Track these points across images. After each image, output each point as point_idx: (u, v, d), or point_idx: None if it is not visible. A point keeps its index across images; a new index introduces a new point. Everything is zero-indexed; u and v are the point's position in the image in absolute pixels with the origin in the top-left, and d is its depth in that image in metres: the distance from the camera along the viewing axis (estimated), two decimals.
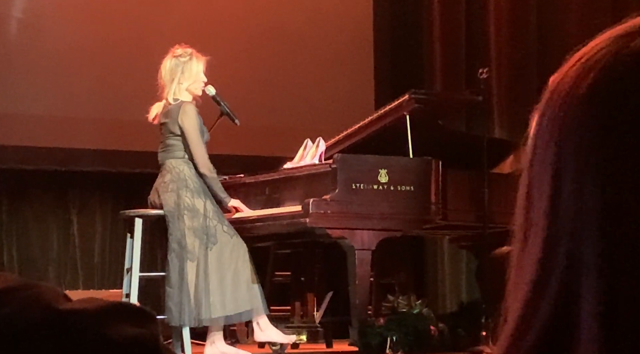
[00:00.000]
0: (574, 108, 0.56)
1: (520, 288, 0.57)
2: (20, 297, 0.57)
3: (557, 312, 0.55)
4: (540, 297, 0.56)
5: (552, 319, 0.55)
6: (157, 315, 4.06)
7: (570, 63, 0.58)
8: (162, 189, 4.86)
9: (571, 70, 0.58)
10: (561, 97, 0.58)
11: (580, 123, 0.56)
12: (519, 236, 0.59)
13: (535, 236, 0.57)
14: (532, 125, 0.59)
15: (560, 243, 0.56)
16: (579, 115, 0.56)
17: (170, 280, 4.74)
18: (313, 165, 5.04)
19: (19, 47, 6.58)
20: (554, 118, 0.57)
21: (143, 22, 6.80)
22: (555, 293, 0.55)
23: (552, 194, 0.56)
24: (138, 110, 5.34)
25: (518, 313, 0.56)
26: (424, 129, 5.05)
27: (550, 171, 0.57)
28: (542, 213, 0.57)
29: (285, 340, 4.93)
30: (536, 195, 0.57)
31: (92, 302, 0.59)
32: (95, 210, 6.88)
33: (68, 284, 6.63)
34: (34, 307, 0.57)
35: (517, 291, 0.57)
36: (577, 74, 0.57)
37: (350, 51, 7.29)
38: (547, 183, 0.57)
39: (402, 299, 4.95)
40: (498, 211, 5.15)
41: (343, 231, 4.79)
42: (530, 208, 0.58)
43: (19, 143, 6.52)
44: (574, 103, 0.57)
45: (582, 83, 0.56)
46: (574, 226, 0.55)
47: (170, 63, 4.84)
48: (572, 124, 0.56)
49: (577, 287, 0.54)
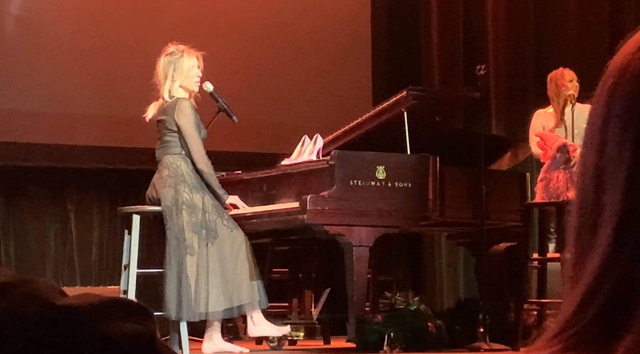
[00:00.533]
0: None
1: (587, 267, 0.57)
2: (16, 293, 0.57)
3: (619, 292, 0.56)
4: (607, 276, 0.56)
5: (614, 298, 0.56)
6: (155, 311, 4.03)
7: (637, 45, 0.58)
8: (159, 184, 4.87)
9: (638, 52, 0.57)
10: (635, 75, 0.57)
11: None
12: (587, 220, 0.59)
13: (607, 220, 0.57)
14: (594, 115, 0.59)
15: (633, 229, 0.56)
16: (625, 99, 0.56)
17: (169, 275, 4.74)
18: (311, 161, 5.04)
19: (16, 44, 6.57)
20: (630, 102, 0.57)
21: (141, 19, 6.79)
22: (621, 275, 0.56)
23: (628, 179, 0.57)
24: (135, 106, 5.34)
25: (584, 287, 0.57)
26: (421, 126, 5.05)
27: (628, 156, 0.57)
28: (616, 197, 0.57)
29: (278, 333, 4.93)
30: (610, 180, 0.57)
31: (89, 298, 0.59)
32: (93, 207, 6.88)
33: (65, 280, 6.63)
34: (30, 303, 0.57)
35: (582, 271, 0.57)
36: None
37: (348, 47, 7.29)
38: (624, 169, 0.57)
39: (399, 296, 4.95)
40: (495, 208, 5.15)
41: (340, 228, 4.79)
42: (600, 194, 0.58)
43: (16, 139, 6.52)
44: None
45: None
46: None
47: (163, 62, 4.87)
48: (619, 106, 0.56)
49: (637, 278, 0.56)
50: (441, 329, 4.88)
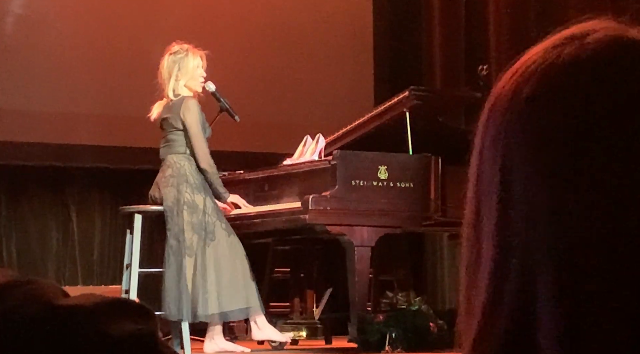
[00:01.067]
0: (516, 116, 0.59)
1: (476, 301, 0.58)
2: (18, 293, 0.58)
3: (514, 328, 0.56)
4: (494, 314, 0.57)
5: (509, 336, 0.55)
6: (156, 311, 4.03)
7: (509, 76, 0.62)
8: (162, 184, 4.87)
9: (510, 82, 0.61)
10: (503, 107, 0.60)
11: (523, 129, 0.58)
12: (469, 248, 0.59)
13: (487, 247, 0.58)
14: (476, 140, 0.61)
15: (512, 253, 0.57)
16: (521, 122, 0.58)
17: (168, 275, 4.74)
18: (312, 161, 5.04)
19: (18, 43, 6.57)
20: (498, 127, 0.60)
21: (142, 18, 6.79)
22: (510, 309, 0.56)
23: (499, 208, 0.58)
24: (137, 106, 5.34)
25: (476, 324, 0.57)
26: (423, 126, 5.05)
27: (498, 177, 0.59)
28: (491, 229, 0.58)
29: (282, 339, 4.94)
30: (485, 211, 0.59)
31: (90, 298, 0.59)
32: (95, 206, 6.88)
33: (67, 280, 6.63)
34: (32, 303, 0.57)
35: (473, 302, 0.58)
36: (516, 84, 0.60)
37: (350, 47, 7.29)
38: (495, 198, 0.58)
39: (401, 295, 4.95)
40: None
41: (342, 228, 4.79)
42: (479, 226, 0.59)
43: (18, 139, 6.52)
44: (515, 110, 0.59)
45: (521, 92, 0.59)
46: (526, 232, 0.56)
47: (167, 61, 4.86)
48: (515, 131, 0.59)
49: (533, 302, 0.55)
50: (443, 329, 4.88)
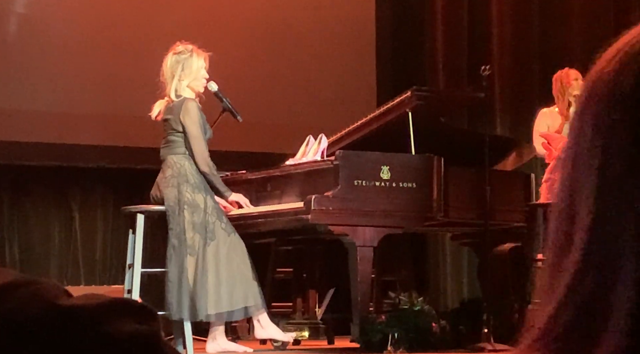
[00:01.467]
0: (620, 105, 0.57)
1: (563, 272, 0.58)
2: (20, 293, 0.57)
3: (593, 299, 0.57)
4: (581, 281, 0.57)
5: (588, 305, 0.57)
6: (159, 311, 4.02)
7: (606, 61, 0.58)
8: (163, 184, 4.87)
9: (609, 68, 0.58)
10: (604, 96, 0.58)
11: (630, 120, 0.56)
12: (562, 225, 0.59)
13: (580, 225, 0.58)
14: (574, 123, 0.60)
15: (604, 233, 0.57)
16: (627, 112, 0.56)
17: (170, 275, 4.74)
18: (315, 161, 5.04)
19: (20, 43, 6.58)
20: (598, 118, 0.58)
21: (145, 18, 6.80)
22: (594, 281, 0.57)
23: (598, 184, 0.57)
24: (139, 106, 5.34)
25: (561, 291, 0.58)
26: (426, 126, 5.05)
27: (596, 171, 0.58)
28: (588, 203, 0.58)
29: (284, 338, 4.94)
30: (583, 186, 0.58)
31: (93, 298, 0.59)
32: (97, 206, 6.89)
33: (70, 280, 6.64)
34: (35, 303, 0.57)
35: (558, 276, 0.58)
36: (617, 71, 0.57)
37: (353, 48, 7.29)
38: (594, 175, 0.58)
39: (403, 296, 4.95)
40: (500, 208, 5.15)
41: (345, 228, 4.79)
42: (574, 200, 0.59)
43: (20, 139, 6.52)
44: (619, 100, 0.57)
45: (625, 80, 0.57)
46: (617, 218, 0.56)
47: (170, 61, 4.85)
48: (620, 122, 0.56)
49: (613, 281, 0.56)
50: (445, 329, 4.88)
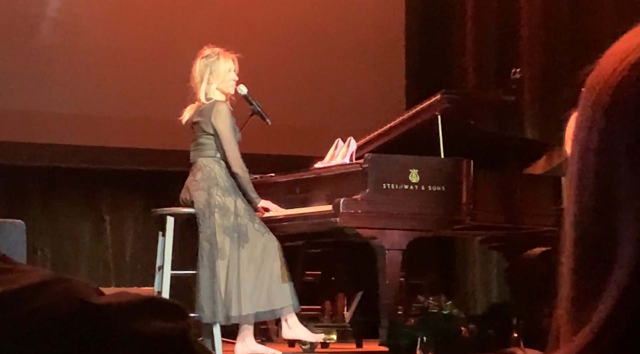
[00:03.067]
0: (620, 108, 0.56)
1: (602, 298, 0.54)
2: (52, 291, 0.58)
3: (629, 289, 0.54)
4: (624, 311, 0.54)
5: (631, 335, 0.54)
6: (189, 313, 4.08)
7: (609, 60, 0.58)
8: (193, 187, 4.89)
9: (610, 66, 0.58)
10: (607, 93, 0.57)
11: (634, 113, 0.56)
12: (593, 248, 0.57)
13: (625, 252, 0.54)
14: (574, 125, 0.60)
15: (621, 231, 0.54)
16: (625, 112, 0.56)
17: (202, 278, 4.76)
18: (344, 164, 5.04)
19: (52, 47, 6.64)
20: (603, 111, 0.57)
21: (174, 21, 6.84)
22: None
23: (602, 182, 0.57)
24: (169, 108, 5.37)
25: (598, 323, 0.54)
26: (455, 129, 5.03)
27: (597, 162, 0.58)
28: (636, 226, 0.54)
29: (312, 339, 4.94)
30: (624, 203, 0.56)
31: (124, 296, 0.60)
32: (127, 208, 6.93)
33: (100, 282, 6.68)
34: (66, 301, 0.57)
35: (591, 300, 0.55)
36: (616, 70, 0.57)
37: (382, 50, 7.28)
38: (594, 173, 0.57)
39: (432, 299, 4.93)
40: (529, 212, 5.11)
41: (373, 231, 4.78)
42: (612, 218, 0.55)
43: (51, 141, 6.58)
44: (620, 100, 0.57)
45: (627, 79, 0.56)
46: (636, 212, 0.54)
47: (199, 65, 4.90)
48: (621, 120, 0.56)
49: None
50: (474, 333, 4.85)
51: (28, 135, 6.53)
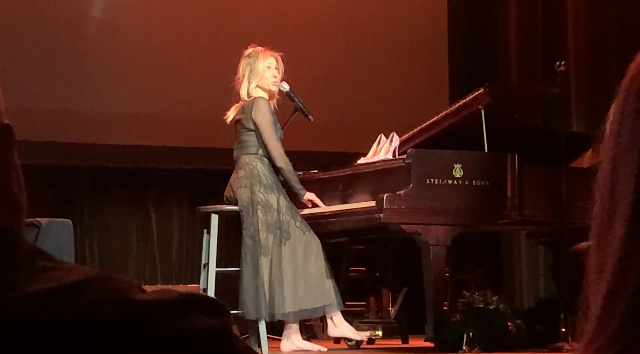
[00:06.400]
0: None
1: (607, 259, 0.57)
2: (95, 289, 0.59)
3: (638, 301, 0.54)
4: (627, 269, 0.55)
5: (633, 306, 0.54)
6: (233, 310, 4.06)
7: None
8: (236, 185, 4.92)
9: None
10: None
11: None
12: (604, 210, 0.58)
13: (622, 210, 0.57)
14: (613, 112, 0.60)
15: None
16: None
17: (245, 275, 4.79)
18: (387, 160, 5.03)
19: (99, 47, 6.72)
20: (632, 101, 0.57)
21: (220, 20, 6.88)
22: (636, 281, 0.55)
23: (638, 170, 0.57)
24: (214, 107, 5.40)
25: (606, 284, 0.56)
26: (499, 123, 4.98)
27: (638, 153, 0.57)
28: (628, 193, 0.57)
29: (357, 337, 4.94)
30: (623, 170, 0.57)
31: (166, 293, 0.60)
32: (173, 206, 6.99)
33: (147, 279, 6.75)
34: (109, 298, 0.58)
35: (604, 263, 0.57)
36: None
37: (425, 45, 7.24)
38: (636, 158, 0.57)
39: (478, 295, 4.89)
40: (576, 206, 5.05)
41: (417, 227, 4.76)
42: (615, 184, 0.58)
43: (99, 141, 6.67)
44: None
45: None
46: None
47: (242, 65, 4.97)
48: None
49: None
50: (521, 329, 4.81)
51: (75, 135, 6.62)
